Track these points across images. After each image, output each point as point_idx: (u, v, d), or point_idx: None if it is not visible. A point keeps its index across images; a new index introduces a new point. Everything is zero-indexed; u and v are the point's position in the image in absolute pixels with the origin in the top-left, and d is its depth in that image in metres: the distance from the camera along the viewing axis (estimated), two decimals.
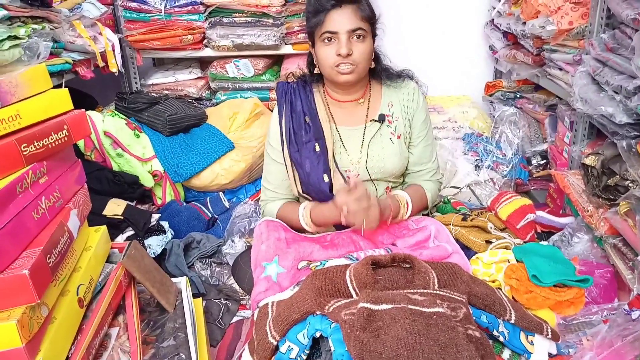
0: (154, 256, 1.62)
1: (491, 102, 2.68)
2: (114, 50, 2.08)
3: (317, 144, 1.46)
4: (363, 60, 1.38)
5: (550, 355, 1.05)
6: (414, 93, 1.53)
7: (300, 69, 1.60)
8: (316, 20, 1.35)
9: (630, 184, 1.37)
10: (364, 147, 1.50)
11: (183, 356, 1.08)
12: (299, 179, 1.49)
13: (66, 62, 1.79)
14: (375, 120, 1.50)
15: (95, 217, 1.52)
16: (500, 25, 2.45)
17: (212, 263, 1.71)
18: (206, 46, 2.42)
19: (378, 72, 1.50)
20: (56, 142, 1.06)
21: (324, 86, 1.53)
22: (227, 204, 2.07)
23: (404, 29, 2.78)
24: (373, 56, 1.44)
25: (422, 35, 2.83)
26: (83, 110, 1.18)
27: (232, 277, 1.61)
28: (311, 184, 1.46)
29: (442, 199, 1.85)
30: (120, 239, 1.63)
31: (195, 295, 1.46)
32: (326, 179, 1.46)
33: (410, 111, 1.53)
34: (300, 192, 1.50)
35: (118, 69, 2.11)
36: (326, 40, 1.36)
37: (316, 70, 1.47)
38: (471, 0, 2.77)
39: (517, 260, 1.29)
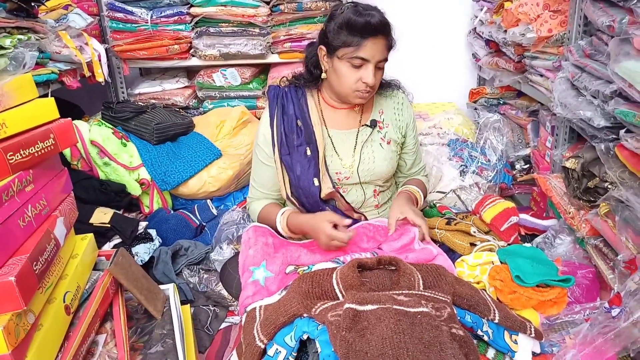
0: (141, 264, 1.61)
1: (475, 108, 2.71)
2: (100, 60, 2.08)
3: (308, 148, 1.49)
4: (378, 85, 1.46)
5: (534, 354, 1.07)
6: (402, 102, 1.62)
7: (294, 73, 1.63)
8: (350, 41, 1.36)
9: (609, 186, 1.40)
10: (357, 151, 1.55)
11: None
12: (289, 182, 1.53)
13: (52, 72, 1.80)
14: (367, 125, 1.55)
15: (82, 226, 1.52)
16: (483, 33, 2.50)
17: (200, 270, 1.71)
18: (193, 55, 2.43)
19: None
20: (42, 151, 1.06)
21: (318, 91, 1.57)
22: (214, 212, 2.08)
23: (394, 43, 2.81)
24: None
25: (408, 43, 2.85)
26: (69, 119, 1.18)
27: (220, 283, 1.61)
28: (301, 187, 1.50)
29: (428, 204, 1.88)
30: (108, 247, 1.63)
31: (183, 302, 1.46)
32: (316, 182, 1.49)
33: (401, 119, 1.61)
34: (289, 195, 1.53)
35: (104, 79, 2.11)
36: (355, 65, 1.38)
37: (323, 75, 1.49)
38: (454, 9, 2.82)
39: (501, 262, 1.31)
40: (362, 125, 1.56)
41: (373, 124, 1.55)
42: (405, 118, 1.62)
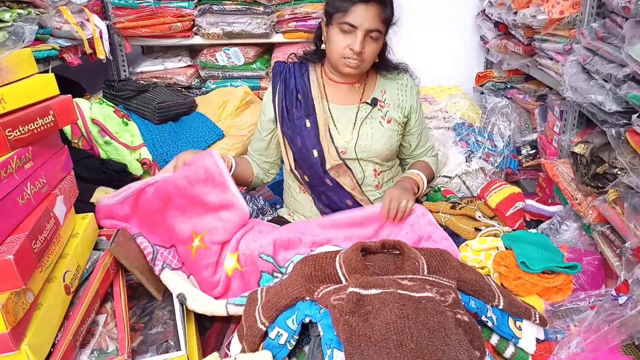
0: None
1: (482, 92, 2.68)
2: (101, 37, 2.05)
3: (307, 120, 1.51)
4: (370, 59, 1.44)
5: (537, 340, 1.06)
6: (407, 84, 1.60)
7: (304, 49, 1.64)
8: (340, 5, 1.36)
9: (618, 172, 1.38)
10: (356, 127, 1.54)
11: (172, 343, 1.07)
12: (292, 155, 1.56)
13: (53, 49, 1.77)
14: (367, 103, 1.55)
15: (82, 205, 1.50)
16: (492, 15, 2.45)
17: None
18: (196, 34, 2.39)
19: (378, 65, 1.55)
20: (42, 128, 1.04)
21: (322, 65, 1.58)
22: None
23: (396, 19, 2.76)
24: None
25: (414, 24, 2.82)
26: (69, 95, 1.16)
27: None
28: (303, 159, 1.52)
29: (432, 188, 1.85)
30: None
31: None
32: (316, 154, 1.50)
33: (405, 100, 1.59)
34: (293, 167, 1.57)
35: (106, 56, 2.08)
36: (343, 30, 1.38)
37: (323, 46, 1.50)
38: None
39: (506, 248, 1.30)
40: (363, 103, 1.55)
41: (374, 102, 1.55)
42: (409, 99, 1.59)
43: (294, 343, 0.95)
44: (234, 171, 1.52)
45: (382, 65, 1.56)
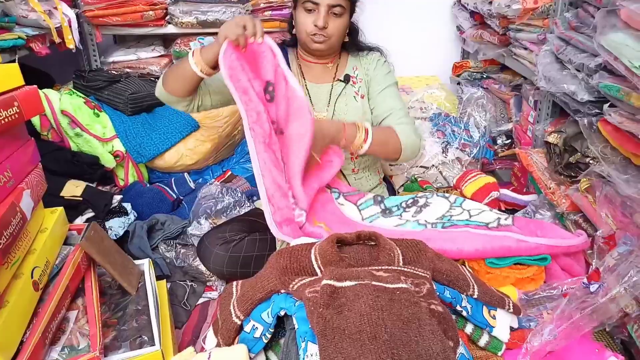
0: (115, 238, 1.57)
1: (458, 82, 2.69)
2: (70, 26, 1.98)
3: None
4: (336, 34, 1.48)
5: (511, 328, 1.07)
6: (376, 59, 1.64)
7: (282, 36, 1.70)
8: None
9: (590, 161, 1.40)
10: (331, 104, 1.59)
11: (145, 338, 1.05)
12: None
13: (19, 38, 1.70)
14: (340, 80, 1.60)
15: (52, 199, 1.46)
16: (467, 4, 2.45)
17: (177, 245, 1.68)
18: (169, 23, 2.33)
19: (349, 45, 1.61)
20: (6, 120, 1.00)
21: (297, 48, 1.63)
22: (192, 185, 2.03)
23: (372, 8, 2.75)
24: (347, 31, 1.54)
25: (391, 14, 2.81)
26: (35, 86, 1.12)
27: (197, 258, 1.58)
28: None
29: (409, 178, 1.86)
30: (80, 221, 1.58)
31: (159, 277, 1.43)
32: None
33: (371, 69, 1.62)
34: None
35: (75, 46, 2.01)
36: (307, 9, 1.44)
37: (294, 31, 1.56)
38: None
39: None
40: (336, 80, 1.60)
41: (346, 78, 1.60)
42: (374, 68, 1.61)
43: (269, 336, 0.94)
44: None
45: (353, 45, 1.61)
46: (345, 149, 1.42)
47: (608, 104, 1.24)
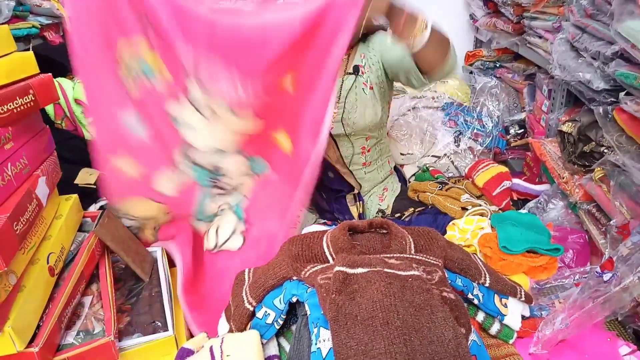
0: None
1: (471, 72, 2.67)
2: None
3: None
4: None
5: (523, 317, 1.07)
6: (379, 38, 1.54)
7: None
8: None
9: (605, 150, 1.38)
10: (341, 100, 1.53)
11: (159, 324, 1.07)
12: None
13: (33, 27, 1.72)
14: (349, 73, 1.54)
15: (66, 187, 1.47)
16: None
17: None
18: None
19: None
20: (21, 107, 1.02)
21: None
22: None
23: None
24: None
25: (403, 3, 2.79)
26: (49, 74, 1.13)
27: None
28: None
29: (420, 167, 1.85)
30: (94, 208, 1.59)
31: (172, 264, 1.45)
32: None
33: (378, 46, 1.54)
34: None
35: None
36: None
37: None
38: None
39: (492, 227, 1.30)
40: (346, 74, 1.55)
41: (355, 70, 1.54)
42: (382, 43, 1.52)
43: (281, 322, 0.95)
44: None
45: (363, 37, 1.54)
46: (401, 35, 1.29)
47: (624, 92, 1.22)
